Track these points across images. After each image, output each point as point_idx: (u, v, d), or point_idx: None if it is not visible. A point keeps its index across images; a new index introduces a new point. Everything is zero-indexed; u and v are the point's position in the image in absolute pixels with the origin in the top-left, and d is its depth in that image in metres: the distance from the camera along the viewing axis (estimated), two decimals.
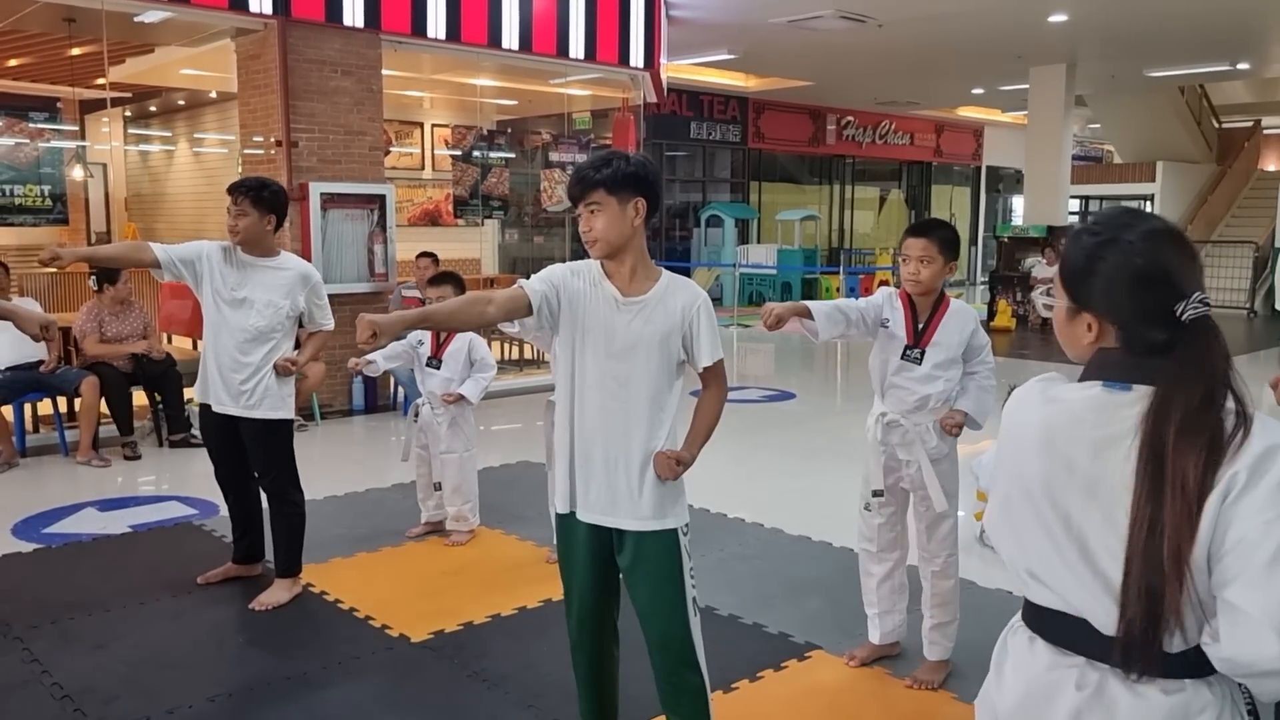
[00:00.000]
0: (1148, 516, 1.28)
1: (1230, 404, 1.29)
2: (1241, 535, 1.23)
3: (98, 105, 11.79)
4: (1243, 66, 14.67)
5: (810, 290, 16.65)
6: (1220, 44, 12.67)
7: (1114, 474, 1.32)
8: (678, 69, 13.90)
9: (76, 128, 12.14)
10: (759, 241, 17.82)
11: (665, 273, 2.47)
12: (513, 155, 10.08)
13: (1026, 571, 1.43)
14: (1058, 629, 1.40)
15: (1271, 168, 22.79)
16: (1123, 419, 1.33)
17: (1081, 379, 1.41)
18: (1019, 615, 1.50)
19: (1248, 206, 19.91)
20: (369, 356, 4.54)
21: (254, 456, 3.99)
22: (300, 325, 4.07)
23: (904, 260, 3.18)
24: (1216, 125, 20.86)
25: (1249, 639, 1.21)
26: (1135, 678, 1.31)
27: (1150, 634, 1.28)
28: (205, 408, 3.95)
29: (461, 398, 4.62)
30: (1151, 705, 1.31)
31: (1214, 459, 1.26)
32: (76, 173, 11.19)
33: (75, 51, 9.44)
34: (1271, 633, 1.20)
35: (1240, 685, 1.33)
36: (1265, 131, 22.30)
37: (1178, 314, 1.32)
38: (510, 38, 8.47)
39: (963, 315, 3.22)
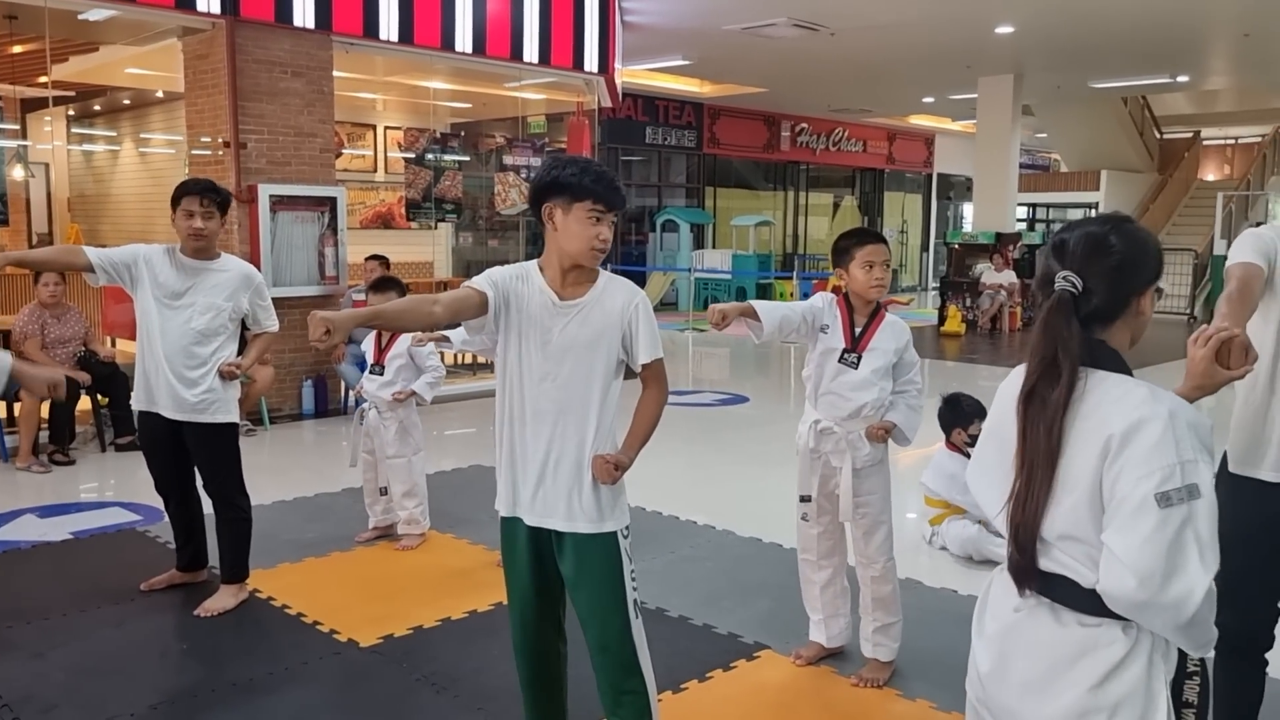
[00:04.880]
0: (1024, 463, 1.56)
1: (1080, 372, 1.54)
2: (1115, 490, 1.48)
3: (40, 104, 11.53)
4: (1182, 79, 15.05)
5: (765, 295, 16.76)
6: (1160, 57, 12.99)
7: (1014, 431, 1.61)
8: (633, 74, 13.93)
9: (17, 126, 11.87)
10: (714, 246, 17.91)
11: (603, 274, 2.47)
12: (466, 158, 10.02)
13: (991, 507, 1.69)
14: None
15: (1210, 177, 23.40)
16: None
17: None
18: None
19: (1188, 215, 20.41)
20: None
21: (199, 462, 3.93)
22: (245, 329, 4.02)
23: (868, 267, 3.21)
24: (1158, 136, 21.38)
25: (1113, 576, 1.46)
26: (1025, 594, 1.58)
27: (1023, 556, 1.56)
28: (146, 415, 3.88)
29: (413, 393, 4.59)
30: (1068, 632, 1.55)
31: (1058, 418, 1.52)
32: (17, 173, 10.92)
33: (17, 49, 9.23)
34: (1128, 571, 1.44)
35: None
36: (1204, 142, 22.90)
37: (1053, 284, 1.58)
38: (464, 40, 8.44)
39: (898, 326, 3.31)
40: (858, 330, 3.26)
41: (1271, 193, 20.18)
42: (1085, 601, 1.53)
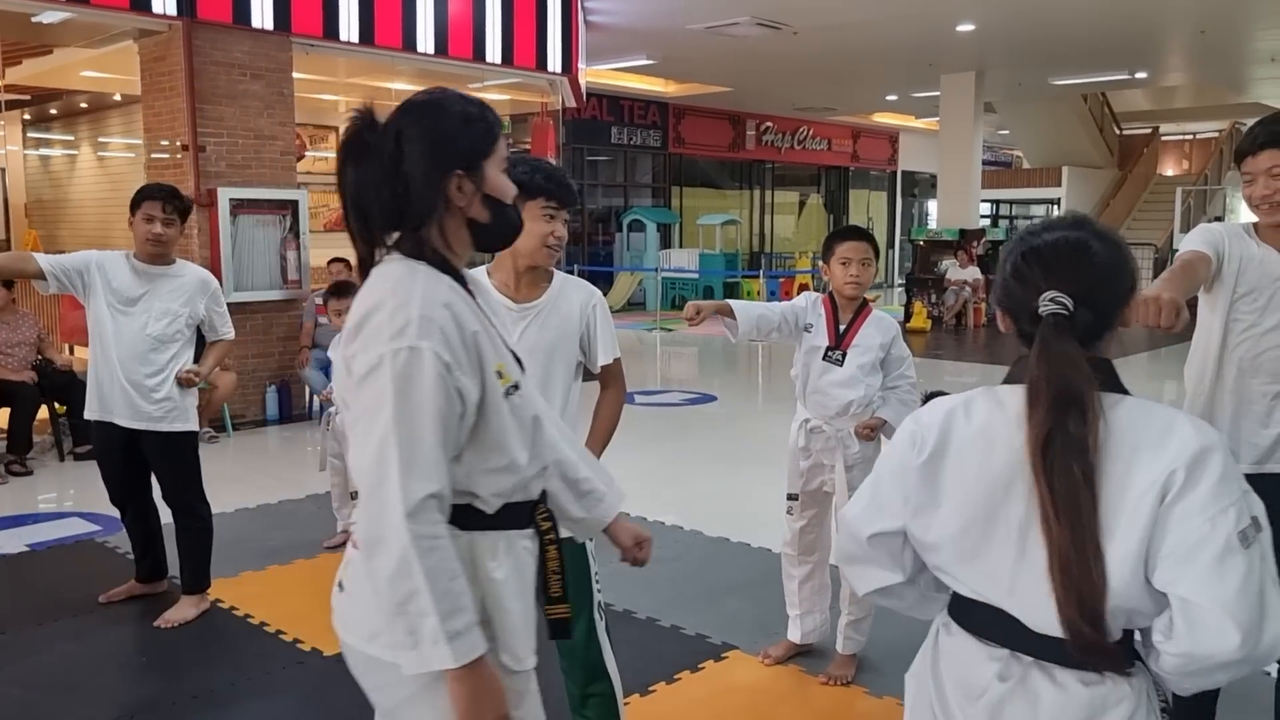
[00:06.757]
0: (1063, 522, 1.30)
1: (1098, 399, 1.32)
2: (1187, 533, 1.26)
3: None
4: (1140, 75, 15.27)
5: (731, 294, 16.80)
6: (1119, 53, 13.17)
7: (1024, 472, 1.35)
8: (597, 74, 13.92)
9: None
10: (681, 246, 17.94)
11: (558, 274, 2.46)
12: None
13: (956, 566, 1.45)
14: (982, 621, 1.42)
15: (1169, 172, 23.73)
16: (1016, 417, 1.37)
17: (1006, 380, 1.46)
18: (944, 612, 1.52)
19: (1148, 210, 20.69)
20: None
21: (158, 471, 3.87)
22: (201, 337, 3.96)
23: (844, 264, 3.21)
24: (1118, 132, 21.66)
25: (1209, 633, 1.24)
26: (1080, 670, 1.34)
27: (1094, 630, 1.30)
28: (100, 424, 3.80)
29: None
30: (1072, 697, 1.35)
31: (1091, 459, 1.30)
32: None
33: None
34: (1232, 624, 1.23)
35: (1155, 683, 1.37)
36: (1163, 138, 23.24)
37: (1038, 309, 1.37)
38: (425, 41, 8.38)
39: (884, 322, 3.29)
40: (841, 327, 3.25)
41: (1229, 187, 20.51)
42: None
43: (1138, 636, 1.38)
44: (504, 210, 1.61)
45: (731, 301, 3.20)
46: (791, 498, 3.38)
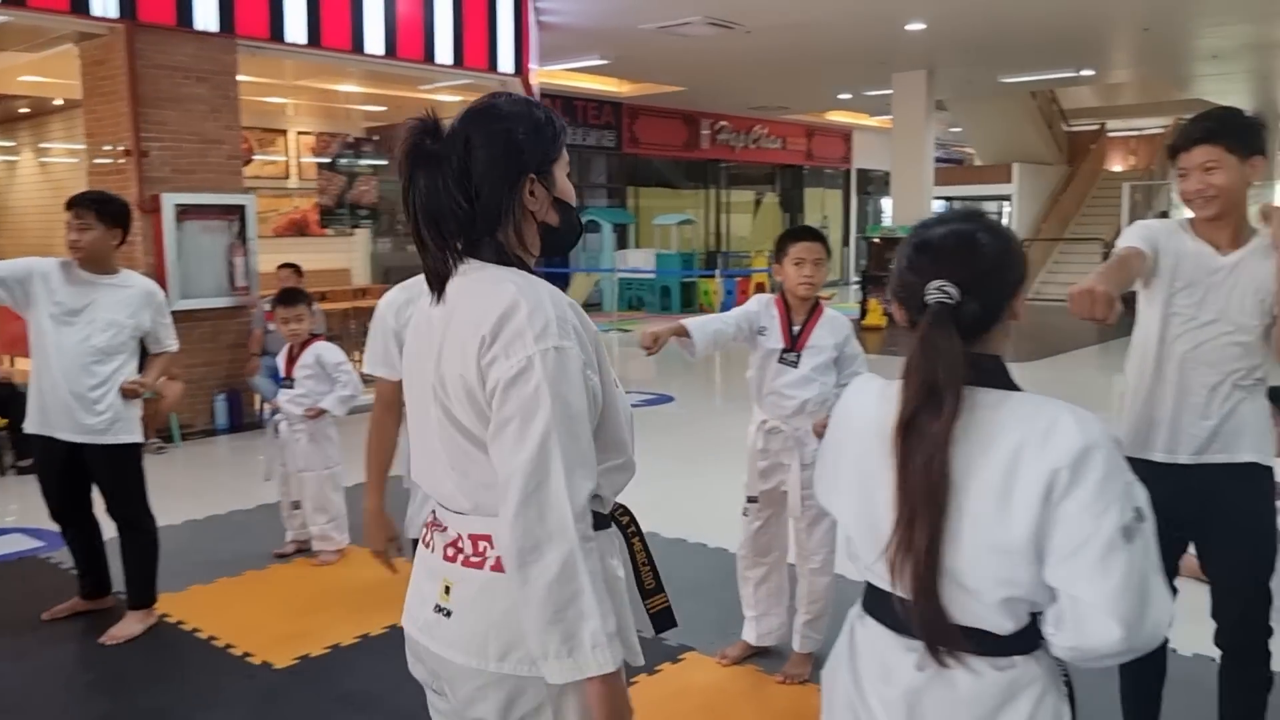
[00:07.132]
0: (905, 504, 1.36)
1: (966, 393, 1.35)
2: (1072, 532, 1.30)
3: None
4: (1086, 72, 15.50)
5: (688, 293, 16.83)
6: (1065, 51, 13.36)
7: (886, 465, 1.40)
8: (550, 75, 13.86)
9: None
10: (637, 246, 17.92)
11: None
12: (384, 162, 9.84)
13: (869, 558, 1.48)
14: (895, 614, 1.44)
15: (1116, 168, 24.13)
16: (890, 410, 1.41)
17: None
18: (859, 605, 1.54)
19: (1096, 205, 21.03)
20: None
21: (102, 484, 3.78)
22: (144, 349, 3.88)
23: (798, 264, 3.21)
24: (1066, 128, 21.99)
25: (1094, 628, 1.30)
26: (947, 657, 1.38)
27: (931, 613, 1.36)
28: (43, 439, 3.70)
29: (322, 412, 4.50)
30: (987, 682, 1.38)
31: (939, 452, 1.33)
32: None
33: None
34: (1115, 621, 1.28)
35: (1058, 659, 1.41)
36: (1110, 134, 23.63)
37: (925, 298, 1.39)
38: (374, 42, 8.29)
39: (837, 322, 3.31)
40: (795, 329, 3.26)
41: (1174, 182, 20.88)
42: (994, 646, 1.38)
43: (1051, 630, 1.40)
44: (571, 213, 1.60)
45: (686, 322, 3.19)
46: (751, 500, 3.38)
